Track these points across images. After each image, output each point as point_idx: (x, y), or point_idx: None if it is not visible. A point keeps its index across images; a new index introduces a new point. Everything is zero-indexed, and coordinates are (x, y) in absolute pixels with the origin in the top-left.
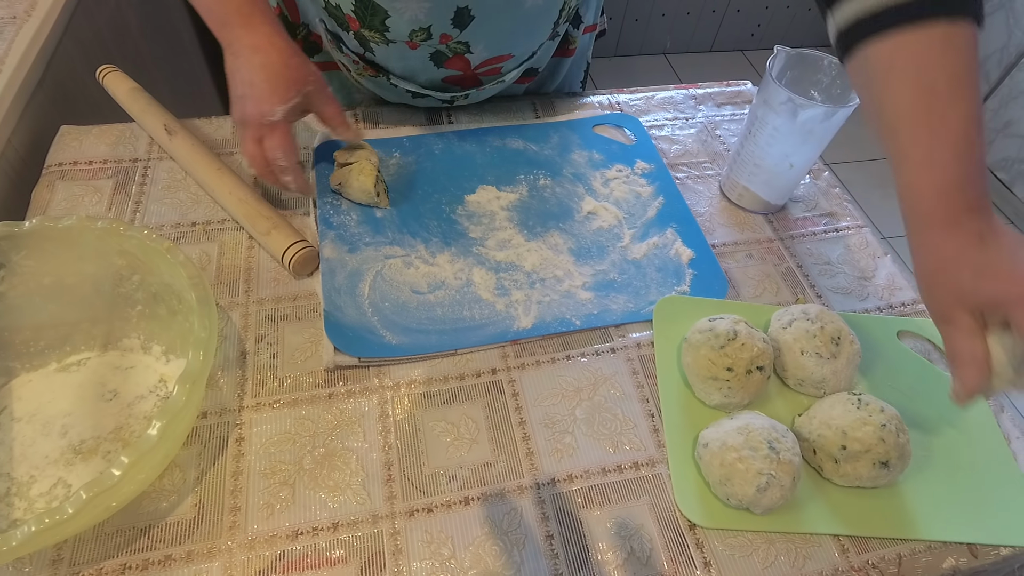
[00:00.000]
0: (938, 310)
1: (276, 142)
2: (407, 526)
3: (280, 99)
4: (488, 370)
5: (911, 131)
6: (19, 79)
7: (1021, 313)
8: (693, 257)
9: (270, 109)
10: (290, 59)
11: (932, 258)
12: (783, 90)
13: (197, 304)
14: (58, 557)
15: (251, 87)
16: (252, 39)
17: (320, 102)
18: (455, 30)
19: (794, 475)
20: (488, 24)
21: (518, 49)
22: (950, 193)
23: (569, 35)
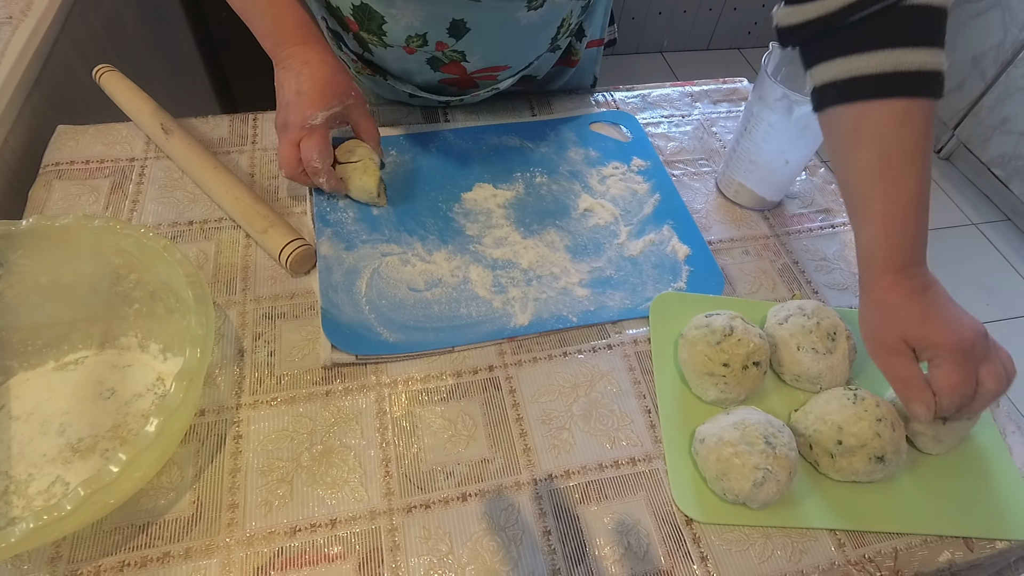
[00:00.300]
0: (884, 345)
1: (313, 143)
2: (405, 522)
3: (323, 106)
4: (485, 367)
5: (870, 191)
6: (15, 79)
7: (950, 359)
8: (689, 254)
9: (312, 113)
10: (337, 74)
11: (882, 302)
12: (778, 87)
13: (194, 302)
14: (56, 555)
15: (298, 95)
16: (305, 55)
17: (358, 115)
18: (451, 39)
19: (790, 470)
20: (483, 37)
21: (514, 61)
22: (900, 248)
23: (572, 47)
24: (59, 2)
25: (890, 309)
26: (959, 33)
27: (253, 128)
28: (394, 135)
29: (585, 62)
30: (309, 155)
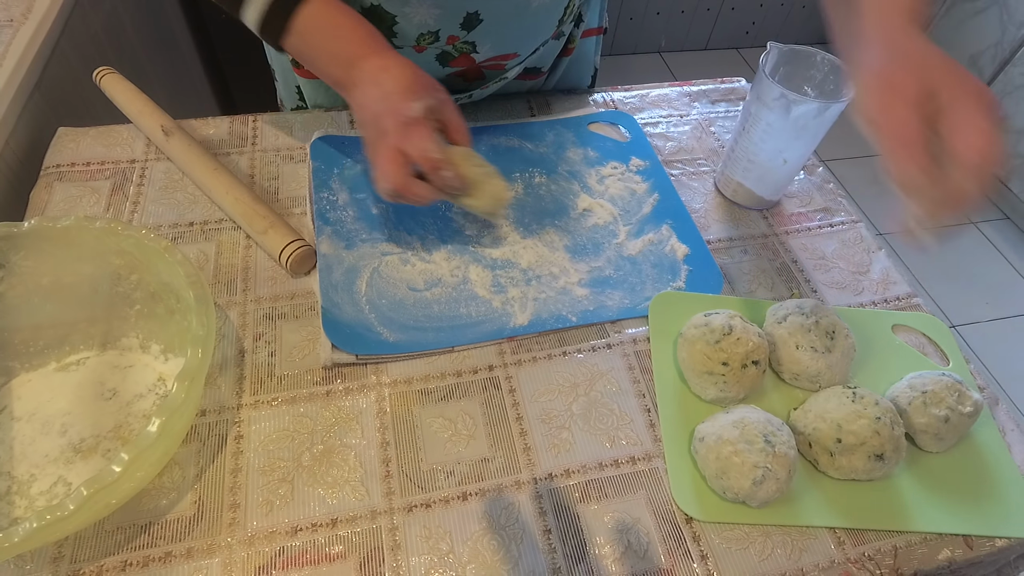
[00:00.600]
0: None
1: (420, 136)
2: (405, 521)
3: (416, 97)
4: (485, 366)
5: None
6: (16, 81)
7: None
8: (688, 253)
9: (408, 106)
10: (417, 71)
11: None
12: (776, 86)
13: (195, 302)
14: (59, 554)
15: (384, 98)
16: (379, 62)
17: (450, 112)
18: (463, 31)
19: (790, 468)
20: (496, 25)
21: (523, 48)
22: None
23: (571, 35)
24: (59, 5)
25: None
26: (957, 32)
27: (253, 129)
28: None
29: (583, 52)
30: (423, 148)
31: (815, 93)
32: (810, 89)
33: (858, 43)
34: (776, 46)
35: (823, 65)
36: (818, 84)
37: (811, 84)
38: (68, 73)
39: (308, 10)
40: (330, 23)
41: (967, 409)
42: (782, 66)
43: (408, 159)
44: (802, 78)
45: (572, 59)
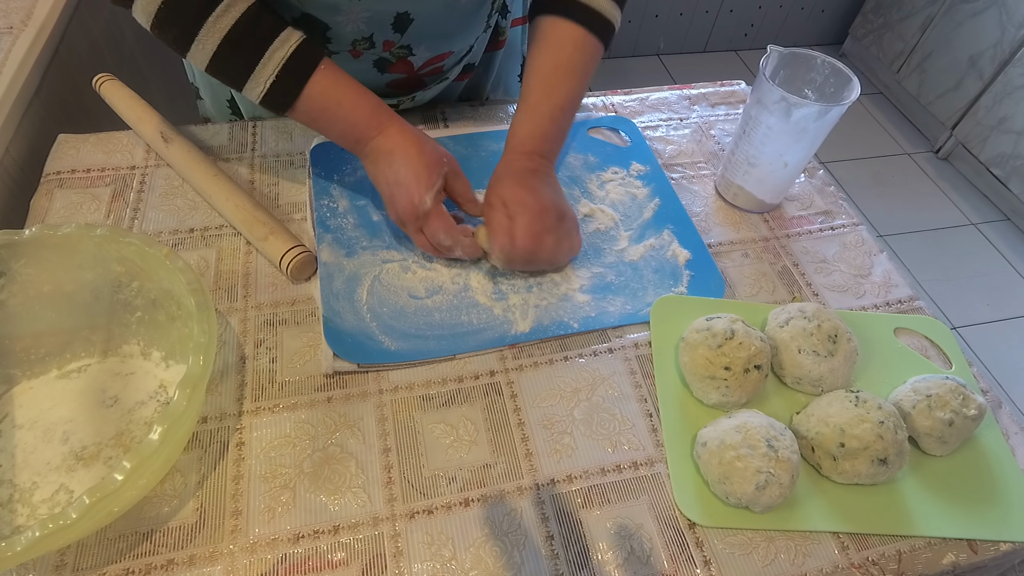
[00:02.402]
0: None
1: (435, 227)
2: (408, 528)
3: (425, 186)
4: (486, 372)
5: (534, 88)
6: (16, 88)
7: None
8: (690, 258)
9: (420, 199)
10: (423, 147)
11: (503, 168)
12: (776, 89)
13: (196, 309)
14: (61, 562)
15: (396, 185)
16: (386, 143)
17: (453, 181)
18: (396, 35)
19: (792, 473)
20: (427, 25)
21: (457, 45)
22: (535, 136)
23: (499, 27)
24: (59, 12)
25: (502, 175)
26: (956, 33)
27: (252, 135)
28: None
29: (511, 43)
30: (436, 239)
31: (815, 96)
32: (810, 92)
33: None
34: (776, 49)
35: (823, 68)
36: (818, 87)
37: (811, 87)
38: (68, 80)
39: (310, 92)
40: (333, 103)
41: (971, 412)
42: (782, 69)
43: None
44: (802, 81)
45: (504, 52)
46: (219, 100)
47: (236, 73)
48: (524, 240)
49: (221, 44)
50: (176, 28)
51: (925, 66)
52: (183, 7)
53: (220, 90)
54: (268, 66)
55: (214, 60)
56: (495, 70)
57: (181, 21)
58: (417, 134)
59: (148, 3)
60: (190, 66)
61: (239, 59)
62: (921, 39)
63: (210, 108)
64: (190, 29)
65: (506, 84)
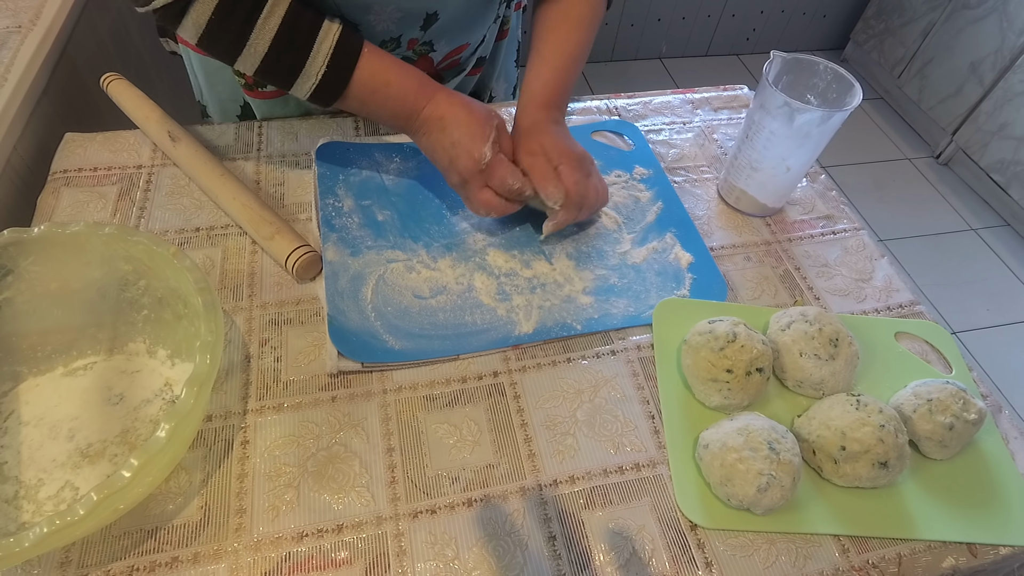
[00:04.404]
0: (528, 148)
1: (501, 174)
2: (411, 527)
3: (481, 139)
4: (490, 373)
5: (546, 39)
6: (24, 87)
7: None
8: (692, 261)
9: (480, 152)
10: (471, 107)
11: (531, 119)
12: (780, 94)
13: (203, 308)
14: (66, 559)
15: (454, 146)
16: (435, 111)
17: (502, 135)
18: (421, 32)
19: (794, 475)
20: (449, 21)
21: (474, 36)
22: (550, 88)
23: (504, 16)
24: (67, 12)
25: (534, 127)
26: (957, 39)
27: (259, 135)
28: (398, 142)
29: (511, 31)
30: (504, 185)
31: (818, 101)
32: (813, 97)
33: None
34: (779, 55)
35: (826, 74)
36: (821, 92)
37: (814, 92)
38: (75, 79)
39: (359, 77)
40: (381, 84)
41: (972, 417)
42: (785, 74)
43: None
44: (805, 86)
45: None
46: (230, 116)
47: (287, 71)
48: (577, 186)
49: (272, 45)
50: (228, 36)
51: (926, 72)
52: (232, 15)
53: (230, 105)
54: (318, 59)
55: (265, 62)
56: (500, 61)
57: (232, 29)
58: (463, 97)
59: (199, 16)
60: (198, 85)
61: (289, 57)
62: (922, 45)
63: (213, 109)
64: (240, 35)
65: (506, 72)
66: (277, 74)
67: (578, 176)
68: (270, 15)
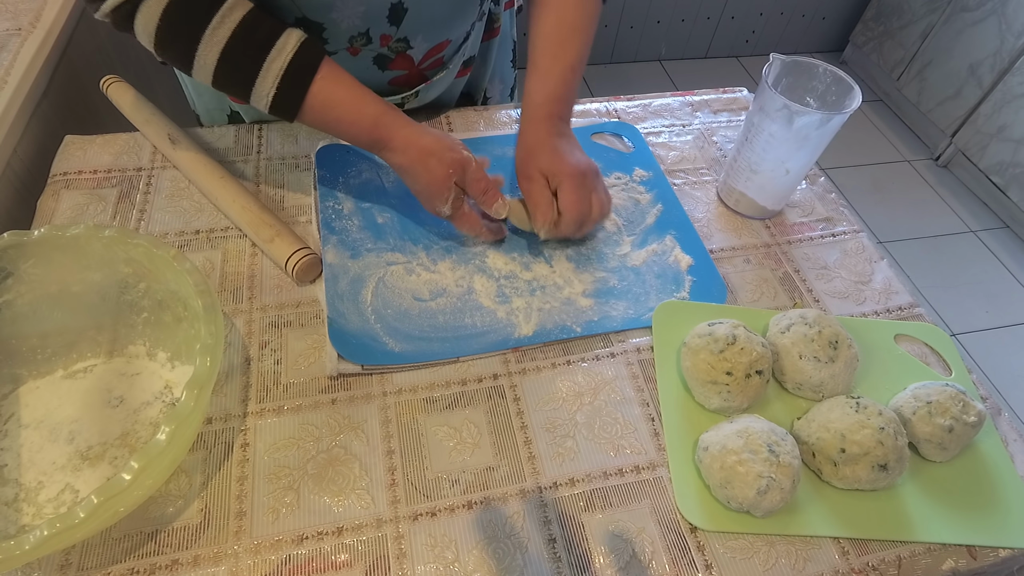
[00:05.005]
0: (525, 174)
1: (459, 226)
2: (411, 530)
3: (441, 199)
4: (490, 375)
5: (542, 50)
6: (24, 90)
7: (569, 183)
8: (692, 264)
9: (438, 212)
10: (428, 163)
11: (532, 138)
12: (779, 97)
13: (204, 311)
14: (66, 562)
15: (418, 195)
16: (393, 159)
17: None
18: (392, 28)
19: (794, 478)
20: (422, 14)
21: (454, 32)
22: (552, 101)
23: (492, 13)
24: (67, 14)
25: (534, 147)
26: (956, 41)
27: (258, 138)
28: None
29: (503, 30)
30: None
31: (817, 104)
32: (812, 100)
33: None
34: (779, 58)
35: (825, 76)
36: (820, 95)
37: (813, 95)
38: (75, 82)
39: (311, 104)
40: (332, 119)
41: (971, 419)
42: (784, 77)
43: None
44: (804, 89)
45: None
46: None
47: (240, 87)
48: (573, 208)
49: (220, 59)
50: (177, 45)
51: (925, 74)
52: (180, 23)
53: (218, 115)
54: (268, 78)
55: (217, 76)
56: (491, 61)
57: (181, 38)
58: (420, 143)
59: (147, 23)
60: (188, 93)
61: (239, 73)
62: (921, 47)
63: (202, 114)
64: (189, 45)
65: (501, 73)
66: (231, 89)
67: (577, 196)
68: (220, 26)
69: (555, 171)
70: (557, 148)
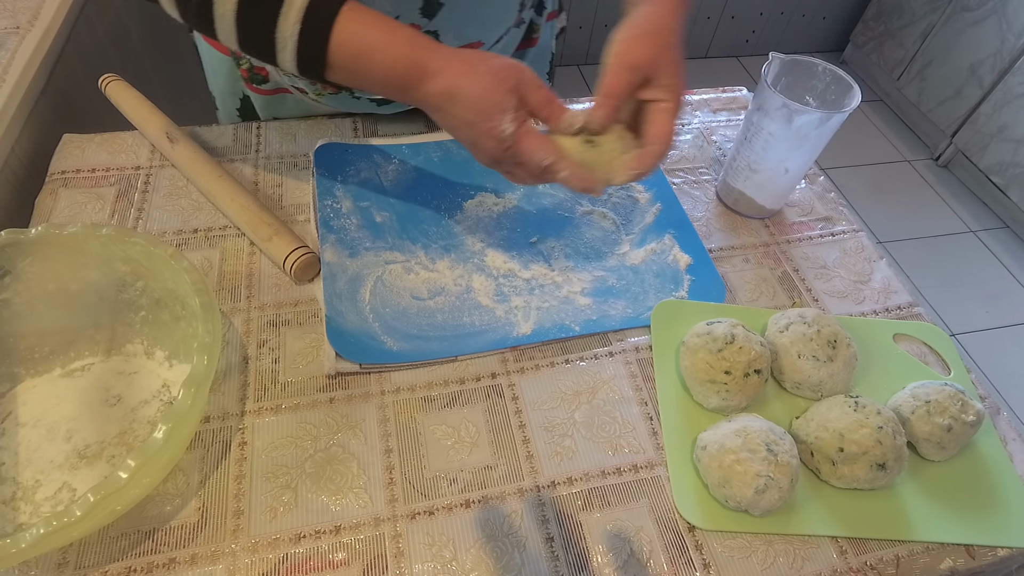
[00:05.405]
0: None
1: (529, 149)
2: (409, 529)
3: (499, 112)
4: (488, 374)
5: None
6: (22, 88)
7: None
8: (691, 263)
9: (498, 130)
10: (476, 72)
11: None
12: (778, 96)
13: (201, 309)
14: (64, 561)
15: (470, 127)
16: (436, 86)
17: (526, 90)
18: (423, 19)
19: (792, 477)
20: (456, 9)
21: (487, 35)
22: None
23: (533, 23)
24: (65, 12)
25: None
26: (956, 41)
27: (257, 136)
28: (396, 143)
29: (542, 44)
30: (533, 162)
31: (816, 103)
32: (811, 99)
33: None
34: (778, 56)
35: (824, 75)
36: (819, 94)
37: (812, 94)
38: (73, 80)
39: (338, 39)
40: (365, 48)
41: (970, 418)
42: (784, 76)
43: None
44: (803, 88)
45: (535, 50)
46: (230, 109)
47: (263, 39)
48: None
49: (239, 7)
50: None
51: (925, 74)
52: None
53: (230, 99)
54: (290, 15)
55: (239, 26)
56: None
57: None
58: (464, 60)
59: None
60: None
61: (257, 18)
62: (921, 47)
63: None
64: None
65: None
66: (255, 45)
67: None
68: None
69: (675, 87)
70: (680, 54)
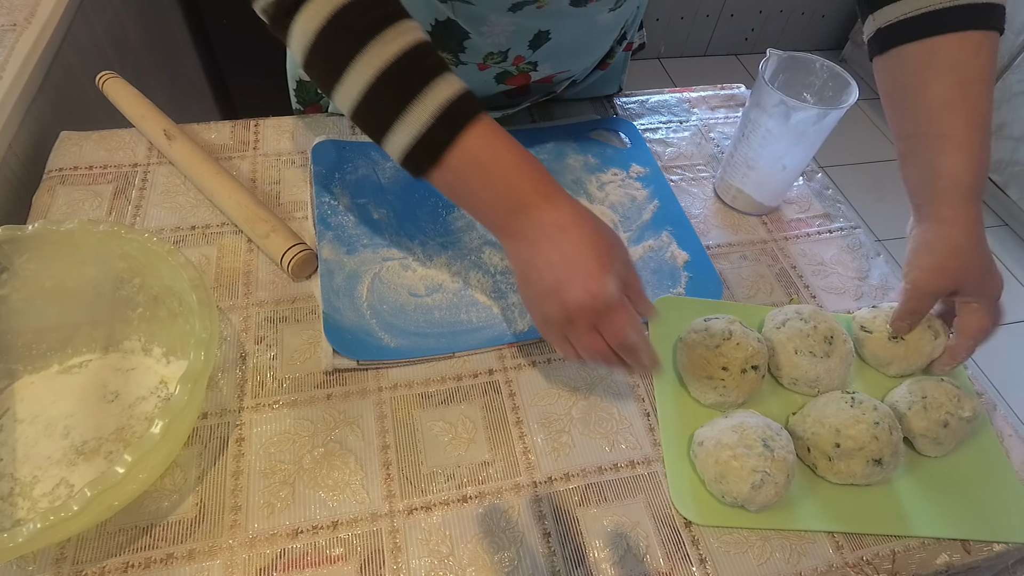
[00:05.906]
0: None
1: (620, 322)
2: (406, 524)
3: (607, 271)
4: (485, 370)
5: (949, 118)
6: (20, 85)
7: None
8: (688, 260)
9: (602, 287)
10: (598, 223)
11: (960, 234)
12: (776, 92)
13: (198, 306)
14: (61, 556)
15: (567, 268)
16: (555, 216)
17: (630, 272)
18: (529, 51)
19: (788, 473)
20: (561, 45)
21: (579, 66)
22: (982, 175)
23: (612, 50)
24: (62, 9)
25: (962, 249)
26: None
27: (254, 134)
28: None
29: (614, 66)
30: (620, 337)
31: (814, 100)
32: (809, 96)
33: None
34: (775, 53)
35: (822, 72)
36: (817, 91)
37: (810, 91)
38: (71, 78)
39: (467, 142)
40: (491, 157)
41: (966, 414)
42: (781, 73)
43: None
44: (801, 85)
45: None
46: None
47: (385, 113)
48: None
49: (381, 75)
50: (334, 53)
51: None
52: (345, 31)
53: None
54: (429, 105)
55: (367, 96)
56: (589, 84)
57: (342, 44)
58: (586, 210)
59: (308, 23)
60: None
61: (393, 94)
62: None
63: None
64: (347, 57)
65: None
66: (372, 116)
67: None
68: (391, 41)
69: (983, 290)
70: (988, 257)
